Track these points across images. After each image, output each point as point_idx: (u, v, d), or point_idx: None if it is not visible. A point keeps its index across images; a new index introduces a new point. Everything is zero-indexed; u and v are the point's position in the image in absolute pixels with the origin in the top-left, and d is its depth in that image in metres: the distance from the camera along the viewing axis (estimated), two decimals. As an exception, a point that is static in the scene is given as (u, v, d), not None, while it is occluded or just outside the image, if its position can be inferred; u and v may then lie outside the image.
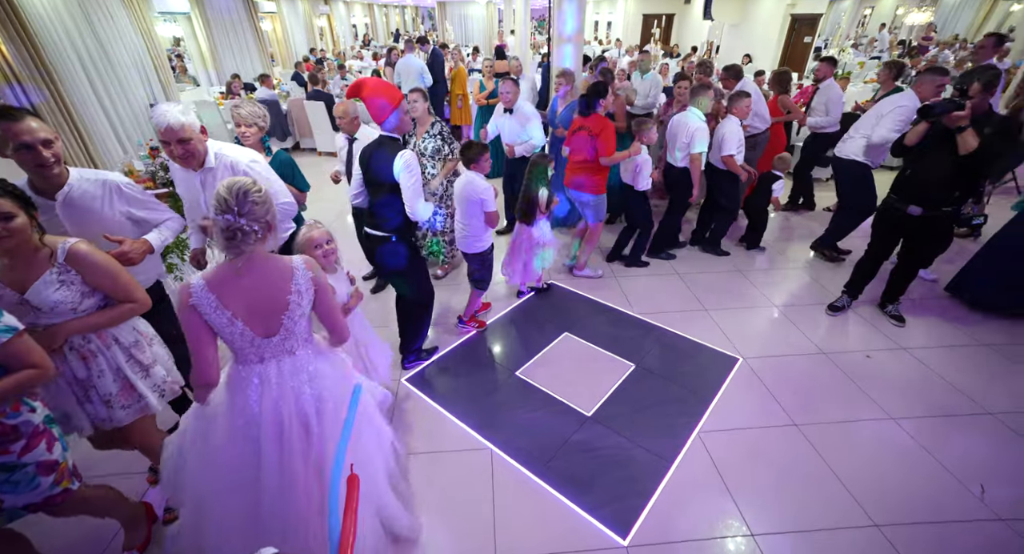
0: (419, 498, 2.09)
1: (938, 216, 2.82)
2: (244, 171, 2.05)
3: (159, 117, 1.82)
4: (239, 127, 2.50)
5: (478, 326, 3.21)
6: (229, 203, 1.26)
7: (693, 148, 3.51)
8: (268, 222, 1.34)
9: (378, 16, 21.95)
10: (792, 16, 10.72)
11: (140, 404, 1.75)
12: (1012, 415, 2.47)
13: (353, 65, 10.89)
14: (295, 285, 1.39)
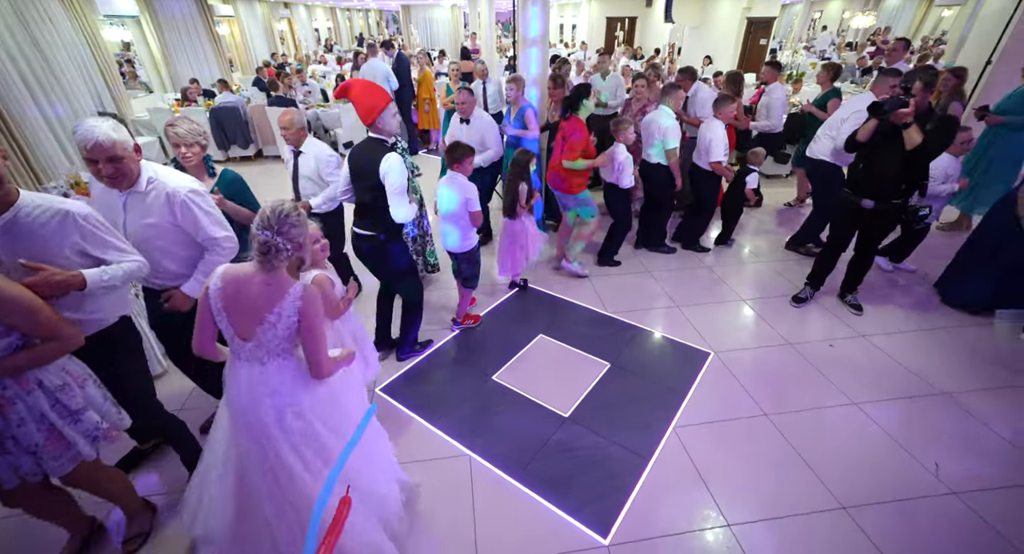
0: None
1: (888, 209, 2.97)
2: (183, 202, 1.83)
3: (86, 133, 1.61)
4: (178, 148, 2.17)
5: (473, 322, 3.27)
6: (271, 221, 1.38)
7: (668, 144, 3.62)
8: (300, 243, 1.45)
9: (341, 20, 21.59)
10: (748, 19, 11.12)
11: (72, 452, 1.58)
12: (961, 394, 2.62)
13: (317, 70, 10.65)
14: (279, 307, 1.44)
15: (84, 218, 1.60)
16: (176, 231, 1.90)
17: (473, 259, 2.98)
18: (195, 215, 1.88)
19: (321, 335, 1.48)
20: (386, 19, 26.51)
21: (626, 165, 3.52)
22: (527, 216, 3.29)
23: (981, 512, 2.00)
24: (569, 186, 3.58)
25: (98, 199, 1.91)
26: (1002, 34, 4.58)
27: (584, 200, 3.64)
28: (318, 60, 13.03)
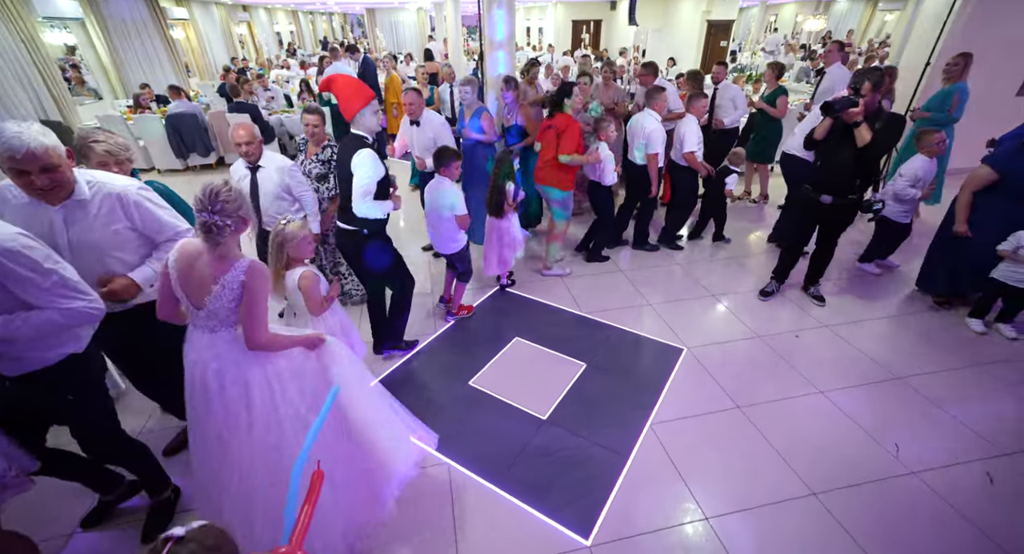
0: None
1: (845, 204, 3.10)
2: (136, 202, 1.71)
3: (11, 140, 1.41)
4: (106, 167, 1.90)
5: (467, 312, 3.41)
6: (204, 203, 1.45)
7: (649, 148, 3.69)
8: (241, 216, 1.52)
9: (304, 23, 21.11)
10: (708, 22, 11.46)
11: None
12: (916, 377, 2.76)
13: (280, 75, 10.38)
14: (224, 279, 1.53)
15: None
16: (136, 237, 1.76)
17: (464, 258, 3.15)
18: (153, 213, 1.77)
19: (260, 309, 1.57)
20: (351, 22, 26.09)
21: (608, 163, 3.62)
22: (513, 215, 3.36)
23: (937, 489, 2.11)
24: (558, 181, 3.60)
25: (20, 220, 1.55)
26: (938, 37, 4.86)
27: (568, 199, 3.69)
28: (281, 64, 12.70)
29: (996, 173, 2.93)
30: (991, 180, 2.96)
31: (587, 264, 4.09)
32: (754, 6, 17.21)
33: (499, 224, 3.33)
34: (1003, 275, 2.93)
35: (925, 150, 3.49)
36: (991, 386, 2.70)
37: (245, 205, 1.54)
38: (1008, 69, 5.18)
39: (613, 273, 3.96)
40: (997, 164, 2.94)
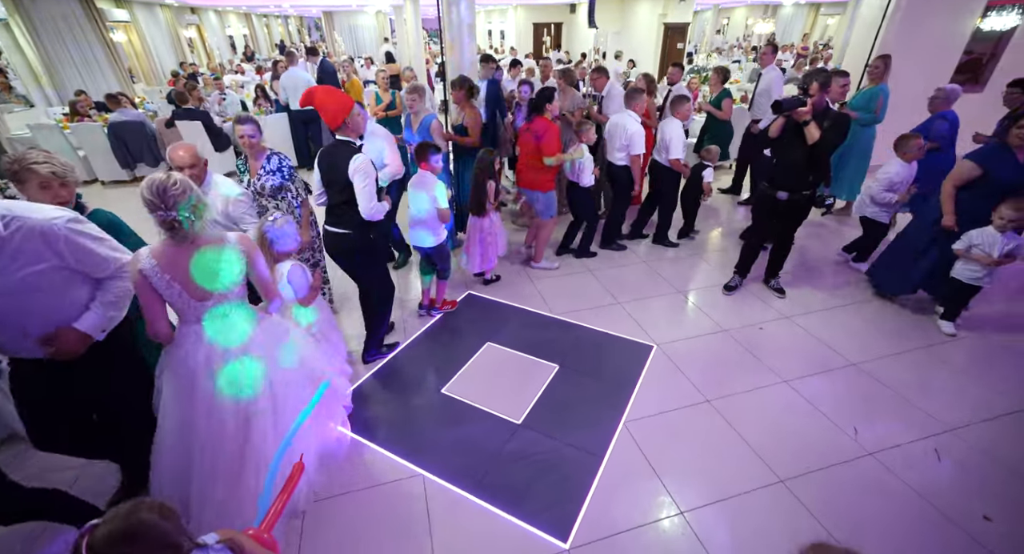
0: (351, 538, 1.93)
1: (799, 199, 3.23)
2: (66, 238, 1.49)
3: None
4: (49, 190, 1.74)
5: (451, 307, 3.48)
6: (156, 201, 1.44)
7: (632, 150, 3.81)
8: (195, 204, 1.51)
9: (258, 27, 20.44)
10: (665, 25, 11.79)
11: None
12: (869, 362, 2.89)
13: (235, 80, 9.99)
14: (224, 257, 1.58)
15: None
16: (68, 276, 1.53)
17: (444, 254, 3.17)
18: (88, 248, 1.54)
19: (267, 271, 1.74)
20: (308, 26, 25.46)
21: (586, 164, 3.71)
22: (495, 213, 3.45)
23: (892, 468, 2.21)
24: (539, 183, 3.70)
25: None
26: (874, 40, 5.16)
27: (550, 199, 3.75)
28: (235, 69, 12.24)
29: (979, 168, 2.95)
30: (974, 175, 2.98)
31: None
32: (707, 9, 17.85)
33: (480, 222, 3.42)
34: (960, 274, 3.00)
35: (903, 154, 3.54)
36: (934, 367, 2.86)
37: (193, 191, 1.53)
38: (938, 66, 5.54)
39: (582, 273, 3.99)
40: (980, 160, 2.97)
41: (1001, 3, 5.39)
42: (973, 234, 2.94)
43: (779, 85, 4.85)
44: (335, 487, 2.16)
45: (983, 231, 2.90)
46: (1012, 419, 2.49)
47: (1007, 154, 2.90)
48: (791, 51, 13.99)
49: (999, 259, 2.85)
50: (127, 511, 0.91)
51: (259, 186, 2.81)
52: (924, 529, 1.96)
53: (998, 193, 2.91)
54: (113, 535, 0.87)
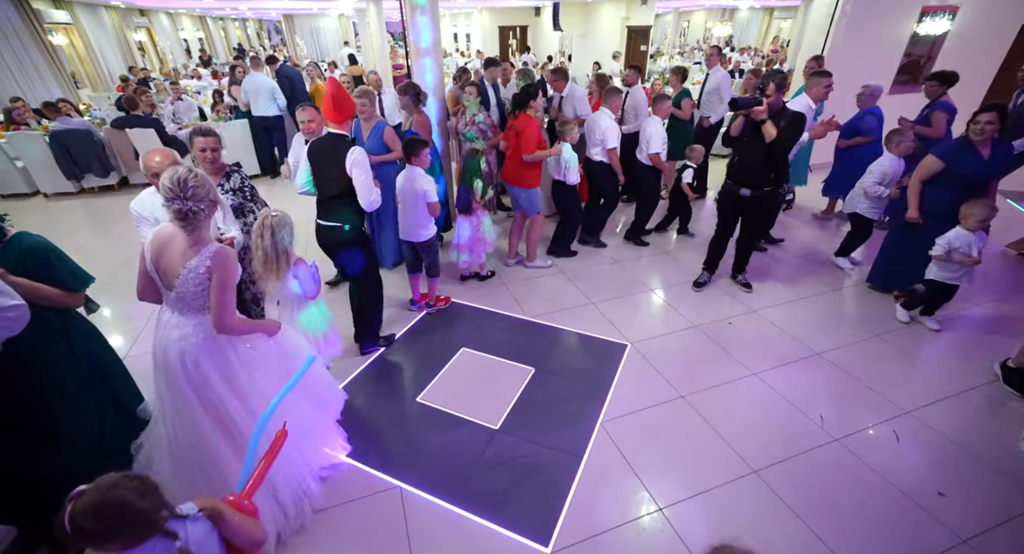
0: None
1: (761, 196, 3.33)
2: None
3: None
4: None
5: (444, 303, 3.53)
6: (176, 191, 1.52)
7: (606, 144, 3.90)
8: (212, 200, 1.62)
9: (214, 30, 19.72)
10: (628, 27, 12.04)
11: None
12: (832, 352, 3.01)
13: (190, 85, 9.60)
14: (191, 263, 1.62)
15: None
16: None
17: (433, 248, 3.23)
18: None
19: (228, 294, 1.65)
20: (268, 29, 24.75)
21: (571, 163, 3.78)
22: (482, 211, 3.52)
23: (856, 452, 2.30)
24: (523, 179, 3.74)
25: None
26: (824, 43, 5.41)
27: (534, 195, 3.81)
28: (190, 74, 11.77)
29: (942, 163, 3.04)
30: (938, 169, 3.06)
31: (525, 268, 4.10)
32: (668, 12, 18.33)
33: (468, 221, 3.50)
34: (937, 275, 3.04)
35: (894, 148, 3.61)
36: (890, 352, 3.00)
37: (213, 189, 1.63)
38: (882, 67, 5.84)
39: (554, 275, 4.01)
40: (943, 155, 3.05)
41: (934, 10, 5.76)
42: (950, 237, 2.93)
43: (727, 84, 5.05)
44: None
45: (958, 233, 2.92)
46: (960, 399, 2.63)
47: (969, 149, 2.99)
48: (749, 53, 14.51)
49: (978, 258, 2.90)
50: (108, 484, 0.94)
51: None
52: (888, 509, 2.04)
53: (960, 186, 3.01)
54: (88, 508, 0.90)
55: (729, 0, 16.03)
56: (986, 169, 2.98)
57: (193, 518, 1.07)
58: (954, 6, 5.86)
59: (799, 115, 3.15)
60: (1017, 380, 2.65)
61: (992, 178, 3.07)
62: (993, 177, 3.07)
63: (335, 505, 2.09)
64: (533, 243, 4.01)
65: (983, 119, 2.90)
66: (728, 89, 5.01)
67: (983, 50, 6.13)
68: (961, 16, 5.95)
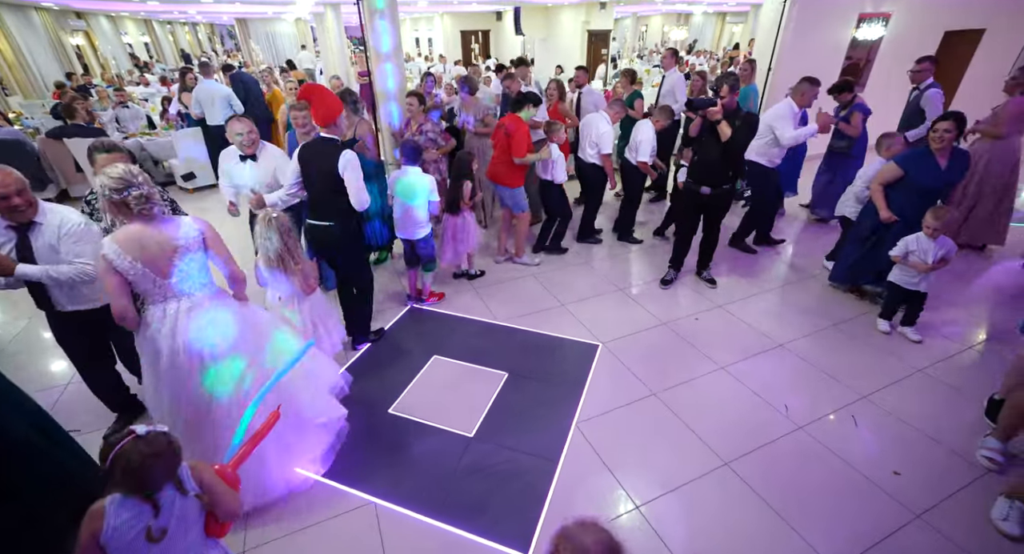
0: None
1: (720, 193, 3.44)
2: None
3: None
4: None
5: (438, 299, 3.65)
6: (127, 180, 1.62)
7: (603, 149, 3.99)
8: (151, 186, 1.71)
9: (161, 34, 18.83)
10: (588, 31, 12.26)
11: None
12: (793, 342, 3.13)
13: (135, 92, 9.12)
14: (181, 237, 1.72)
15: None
16: None
17: (430, 244, 3.38)
18: None
19: (225, 246, 1.87)
20: (220, 34, 23.84)
21: (559, 162, 3.89)
22: (468, 212, 3.62)
23: (819, 438, 2.40)
24: (508, 179, 3.85)
25: None
26: (774, 47, 5.67)
27: (518, 194, 3.90)
28: (136, 81, 11.18)
29: (900, 170, 3.06)
30: (896, 176, 3.09)
31: (496, 267, 4.11)
32: (627, 17, 18.77)
33: (453, 220, 3.60)
34: (897, 278, 3.06)
35: (885, 152, 3.55)
36: (846, 341, 3.15)
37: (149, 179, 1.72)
38: (826, 69, 6.15)
39: (524, 278, 4.01)
40: (902, 162, 3.07)
41: (869, 16, 6.15)
42: (909, 240, 2.95)
43: (682, 86, 5.17)
44: (272, 530, 1.99)
45: (918, 237, 2.92)
46: (909, 381, 2.79)
47: (928, 158, 3.00)
48: (705, 56, 15.04)
49: (934, 265, 2.89)
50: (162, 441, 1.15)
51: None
52: (849, 490, 2.13)
53: (916, 194, 3.03)
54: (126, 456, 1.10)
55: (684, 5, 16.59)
56: (942, 178, 3.00)
57: (182, 473, 1.23)
58: (887, 13, 6.26)
59: (751, 115, 3.28)
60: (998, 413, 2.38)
61: (949, 187, 3.10)
62: (949, 186, 3.09)
63: (307, 526, 2.01)
64: (520, 239, 4.12)
65: (941, 127, 2.93)
66: (683, 90, 5.15)
67: (914, 54, 6.54)
68: (893, 22, 6.37)
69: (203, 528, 1.26)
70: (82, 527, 1.13)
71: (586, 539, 0.97)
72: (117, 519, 1.12)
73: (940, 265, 2.91)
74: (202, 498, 1.23)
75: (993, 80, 3.92)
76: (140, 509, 1.13)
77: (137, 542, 1.13)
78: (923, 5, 6.50)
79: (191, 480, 1.23)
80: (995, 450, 2.22)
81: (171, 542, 1.17)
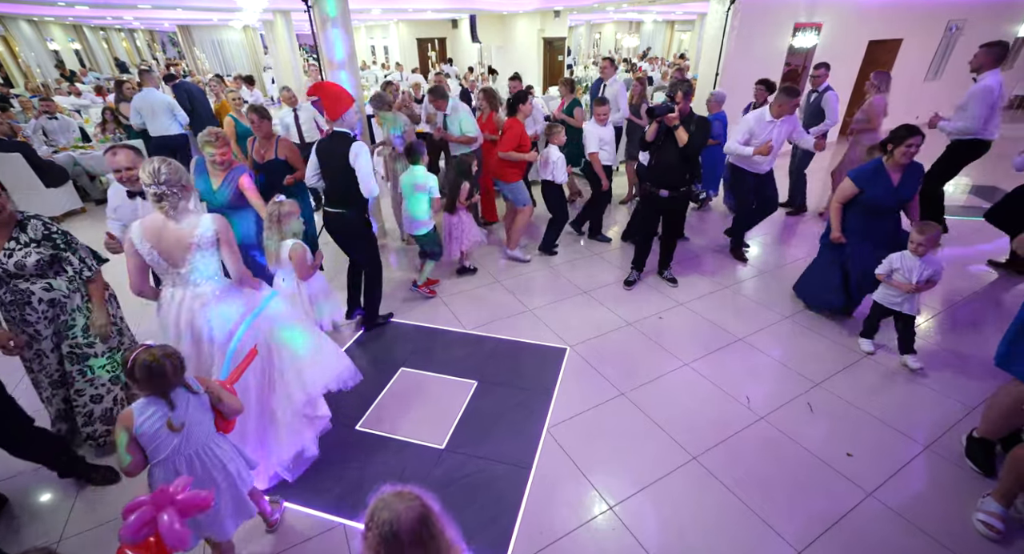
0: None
1: (678, 196, 3.56)
2: None
3: None
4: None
5: (429, 293, 3.83)
6: (152, 178, 1.79)
7: (588, 149, 4.19)
8: (183, 184, 1.87)
9: (94, 41, 17.70)
10: (544, 39, 12.47)
11: None
12: (751, 336, 3.27)
13: (63, 103, 8.51)
14: (197, 233, 1.87)
15: None
16: None
17: (435, 239, 3.67)
18: None
19: (235, 246, 1.98)
20: (161, 41, 22.67)
21: (560, 163, 4.05)
22: (465, 212, 3.84)
23: (779, 427, 2.51)
24: (503, 174, 4.12)
25: None
26: (719, 53, 5.95)
27: (516, 189, 4.14)
28: (67, 91, 10.45)
29: (857, 187, 3.01)
30: (853, 193, 3.04)
31: (459, 279, 4.09)
32: (581, 25, 19.24)
33: (450, 219, 3.84)
34: (881, 297, 2.92)
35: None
36: (799, 332, 3.32)
37: (185, 175, 1.87)
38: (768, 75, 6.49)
39: (490, 284, 4.00)
40: (857, 179, 3.02)
41: (803, 26, 6.58)
42: (893, 258, 2.82)
43: (623, 93, 5.29)
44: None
45: (903, 255, 2.79)
46: (857, 365, 2.96)
47: (881, 174, 2.96)
48: (656, 63, 15.61)
49: (918, 285, 2.74)
50: (161, 353, 1.38)
51: (10, 266, 1.95)
52: (807, 474, 2.23)
53: (868, 210, 3.02)
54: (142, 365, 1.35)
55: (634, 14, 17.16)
56: (893, 196, 2.95)
57: (192, 380, 1.51)
58: (819, 23, 6.71)
59: (704, 119, 3.41)
60: (980, 453, 2.23)
61: (901, 203, 3.02)
62: (901, 203, 3.02)
63: (277, 553, 1.91)
64: (516, 232, 4.29)
65: (915, 142, 2.81)
66: (624, 97, 5.30)
67: (844, 61, 7.08)
68: (825, 32, 6.84)
69: (213, 423, 1.55)
70: (116, 429, 1.39)
71: (398, 506, 1.02)
72: (142, 416, 1.40)
73: (926, 287, 2.76)
74: (210, 392, 1.52)
75: (911, 84, 4.26)
76: (159, 405, 1.41)
77: (162, 432, 1.41)
78: (849, 17, 7.02)
79: (197, 383, 1.52)
80: (995, 515, 1.93)
81: (189, 432, 1.45)
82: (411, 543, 1.01)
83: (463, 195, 3.73)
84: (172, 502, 1.21)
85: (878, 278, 2.90)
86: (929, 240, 2.69)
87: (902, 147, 2.85)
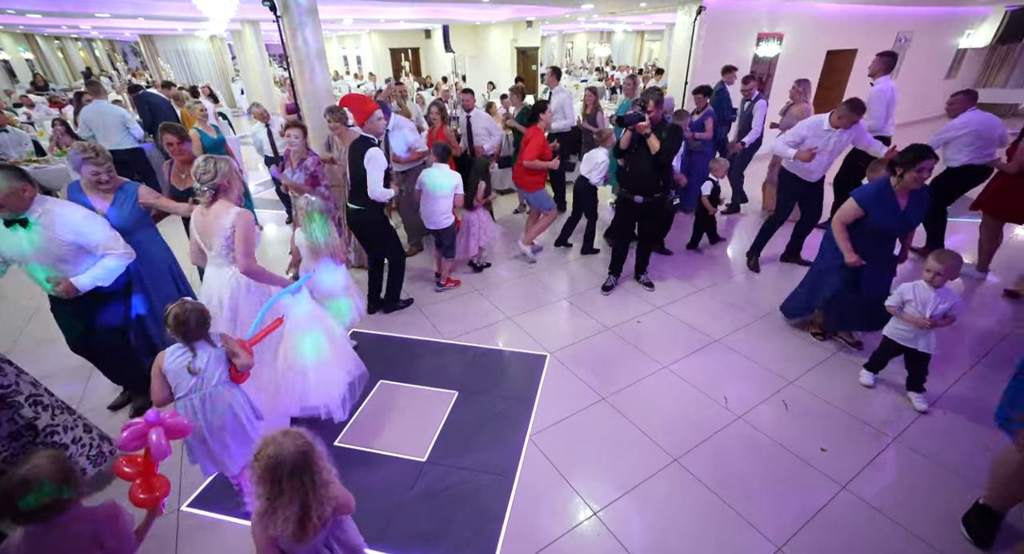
0: None
1: (652, 202, 3.62)
2: None
3: None
4: None
5: (454, 284, 4.08)
6: (196, 175, 2.11)
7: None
8: (217, 184, 2.13)
9: (48, 51, 17.00)
10: (517, 49, 12.61)
11: None
12: (727, 337, 3.34)
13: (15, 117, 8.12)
14: (226, 222, 2.13)
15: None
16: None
17: (450, 234, 3.80)
18: None
19: (247, 244, 2.15)
20: (123, 51, 21.97)
21: (601, 167, 4.20)
22: (482, 210, 4.12)
23: (756, 425, 2.56)
24: (525, 183, 4.30)
25: None
26: (688, 62, 6.13)
27: (538, 197, 4.33)
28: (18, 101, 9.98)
29: (862, 211, 2.76)
30: (858, 214, 2.79)
31: (437, 292, 4.01)
32: (553, 35, 19.55)
33: (469, 216, 4.08)
34: (891, 332, 2.63)
35: (870, 175, 3.49)
36: (773, 331, 3.40)
37: (220, 174, 2.13)
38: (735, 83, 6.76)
39: (468, 294, 3.98)
40: (862, 201, 2.77)
41: (766, 36, 6.86)
42: (905, 289, 2.53)
43: (569, 102, 5.42)
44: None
45: (916, 285, 2.50)
46: (829, 362, 3.05)
47: (888, 199, 2.72)
48: (627, 71, 15.95)
49: (934, 321, 2.42)
50: (190, 307, 1.70)
51: None
52: (785, 470, 2.28)
53: (870, 236, 2.80)
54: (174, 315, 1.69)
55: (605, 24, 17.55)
56: (900, 221, 2.74)
57: (214, 336, 1.81)
58: (780, 33, 7.00)
59: (676, 127, 3.49)
60: (975, 522, 1.97)
61: (906, 229, 2.85)
62: (908, 228, 2.85)
63: (245, 584, 1.83)
64: (533, 231, 4.46)
65: (927, 166, 2.57)
66: (571, 107, 5.44)
67: (805, 70, 7.39)
68: (786, 42, 7.13)
69: (228, 373, 1.80)
70: (154, 365, 1.74)
71: (283, 440, 1.19)
72: (171, 357, 1.73)
73: (944, 323, 2.42)
74: (227, 346, 1.79)
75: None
76: (184, 351, 1.73)
77: (182, 373, 1.72)
78: (808, 28, 7.35)
79: (219, 338, 1.80)
80: None
81: (205, 376, 1.74)
82: (291, 473, 1.16)
83: (480, 193, 4.02)
84: (160, 423, 1.47)
85: (888, 310, 2.63)
86: (948, 269, 2.35)
87: (913, 172, 2.58)
